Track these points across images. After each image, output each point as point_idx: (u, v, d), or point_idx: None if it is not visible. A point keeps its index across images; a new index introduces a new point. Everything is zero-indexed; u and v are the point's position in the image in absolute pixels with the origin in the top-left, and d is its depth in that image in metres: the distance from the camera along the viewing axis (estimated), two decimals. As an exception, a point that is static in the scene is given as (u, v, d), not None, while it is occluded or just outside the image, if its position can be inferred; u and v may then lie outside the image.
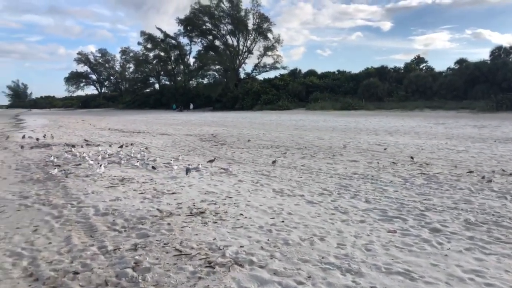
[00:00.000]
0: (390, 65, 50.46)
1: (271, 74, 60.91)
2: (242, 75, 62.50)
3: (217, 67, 60.20)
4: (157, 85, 74.23)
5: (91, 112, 57.62)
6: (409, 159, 10.12)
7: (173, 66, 68.50)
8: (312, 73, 56.25)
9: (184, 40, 65.34)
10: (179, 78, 68.96)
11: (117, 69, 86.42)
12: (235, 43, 60.84)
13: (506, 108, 29.40)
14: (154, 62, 68.69)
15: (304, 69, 58.12)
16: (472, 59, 42.23)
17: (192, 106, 55.36)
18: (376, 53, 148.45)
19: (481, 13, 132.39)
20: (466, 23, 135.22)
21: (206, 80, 62.68)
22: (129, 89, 78.88)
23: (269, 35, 59.18)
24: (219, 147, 13.50)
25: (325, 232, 4.45)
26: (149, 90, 74.71)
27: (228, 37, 61.00)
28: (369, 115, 33.68)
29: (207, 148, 13.32)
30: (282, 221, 4.87)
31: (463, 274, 3.39)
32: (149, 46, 66.91)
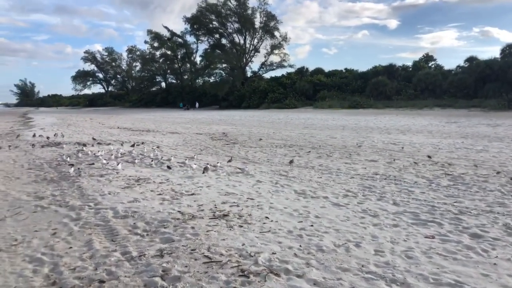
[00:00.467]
0: (398, 64, 49.80)
1: (278, 73, 60.48)
2: (249, 73, 62.20)
3: (223, 65, 59.91)
4: (163, 84, 74.24)
5: (98, 111, 57.73)
6: (429, 159, 9.82)
7: (179, 65, 68.32)
8: (319, 71, 55.76)
9: (190, 39, 65.25)
10: (185, 77, 68.79)
11: (123, 68, 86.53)
12: (241, 41, 60.59)
13: (519, 106, 28.92)
14: (161, 60, 68.58)
15: (309, 68, 57.67)
16: (480, 57, 41.57)
17: (197, 104, 55.19)
18: (383, 51, 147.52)
19: (489, 11, 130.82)
20: (473, 21, 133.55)
21: (212, 79, 62.48)
22: (135, 87, 78.90)
23: (276, 34, 58.89)
24: (231, 146, 13.28)
25: (359, 238, 4.21)
26: (155, 88, 74.65)
27: (235, 35, 60.77)
28: (378, 113, 33.26)
29: (219, 147, 13.11)
30: (311, 225, 4.63)
31: (517, 285, 3.14)
32: (155, 44, 66.81)
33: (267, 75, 61.39)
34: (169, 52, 67.16)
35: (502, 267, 3.48)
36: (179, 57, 67.58)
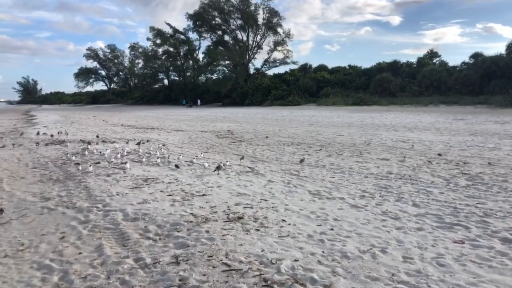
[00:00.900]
0: (402, 60, 49.27)
1: (281, 69, 60.24)
2: (252, 70, 61.86)
3: (226, 62, 59.54)
4: (166, 81, 73.92)
5: (100, 108, 57.58)
6: (444, 157, 9.58)
7: (182, 62, 67.97)
8: (322, 68, 55.33)
9: (193, 36, 64.88)
10: (188, 74, 68.46)
11: (126, 65, 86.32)
12: (244, 38, 60.19)
13: (525, 103, 28.55)
14: (163, 57, 68.23)
15: (313, 65, 57.25)
16: (484, 53, 41.12)
17: (199, 102, 54.86)
18: (385, 48, 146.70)
19: (492, 7, 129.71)
20: (477, 17, 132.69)
21: (215, 76, 62.16)
22: (138, 84, 78.67)
23: (279, 30, 58.47)
24: (238, 144, 13.06)
25: (384, 243, 3.99)
26: (158, 85, 74.42)
27: (238, 32, 60.35)
28: (383, 110, 32.94)
29: (226, 145, 12.89)
30: (331, 229, 4.41)
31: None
32: (158, 41, 66.50)
33: (270, 72, 61.14)
34: (171, 49, 66.82)
35: (542, 276, 3.26)
36: (181, 54, 67.24)
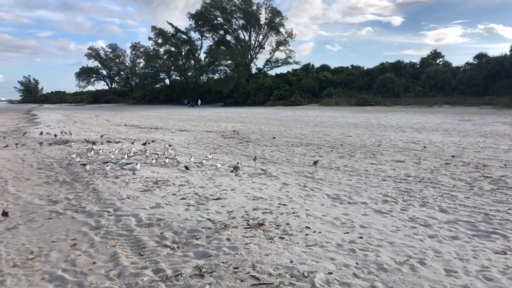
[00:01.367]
0: (405, 60, 48.99)
1: (283, 69, 59.97)
2: (254, 70, 61.62)
3: (228, 62, 59.30)
4: (167, 81, 73.72)
5: (102, 108, 57.32)
6: (459, 159, 9.31)
7: (183, 61, 67.67)
8: (325, 68, 55.11)
9: (195, 35, 64.61)
10: (189, 74, 68.18)
11: (127, 65, 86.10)
12: (246, 38, 59.97)
13: (532, 104, 28.30)
14: (165, 57, 67.92)
15: (314, 64, 57.00)
16: (488, 54, 40.95)
17: (200, 102, 54.50)
18: (387, 48, 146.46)
19: (494, 7, 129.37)
20: (478, 18, 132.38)
21: (217, 76, 61.90)
22: (139, 84, 78.45)
23: (282, 30, 58.24)
24: (246, 145, 12.80)
25: (420, 253, 3.72)
26: (159, 85, 74.16)
27: (240, 31, 60.12)
28: (387, 111, 32.65)
29: (233, 146, 12.62)
30: (360, 237, 4.14)
31: None
32: (159, 41, 66.19)
33: (272, 72, 60.89)
34: (173, 49, 66.52)
35: None
36: (183, 53, 66.92)
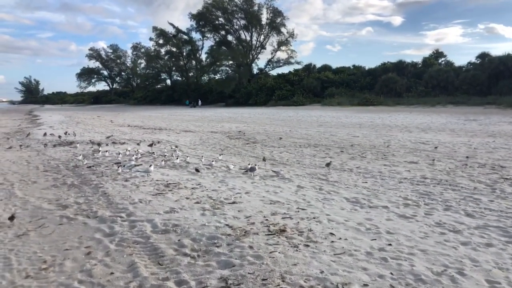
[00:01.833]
0: (405, 60, 48.80)
1: (285, 70, 59.74)
2: (255, 70, 61.43)
3: (229, 62, 59.08)
4: (168, 81, 73.49)
5: (103, 108, 57.12)
6: (474, 160, 9.11)
7: (185, 62, 67.42)
8: (326, 68, 54.91)
9: (196, 36, 64.40)
10: (191, 74, 67.94)
11: (128, 65, 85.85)
12: (248, 38, 59.76)
13: (536, 103, 28.09)
14: (166, 57, 67.68)
15: (316, 64, 56.80)
16: (489, 54, 40.83)
17: (200, 102, 54.20)
18: (387, 48, 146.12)
19: (494, 7, 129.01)
20: (479, 18, 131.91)
21: (218, 76, 61.67)
22: (140, 85, 78.13)
23: (283, 30, 58.04)
24: (253, 146, 12.60)
25: (456, 262, 3.52)
26: (160, 86, 73.94)
27: (241, 32, 59.90)
28: (390, 111, 32.44)
29: (240, 147, 12.42)
30: (389, 244, 3.94)
31: None
32: (161, 41, 65.97)
33: (273, 72, 60.69)
34: (174, 49, 66.24)
35: None
36: (184, 54, 66.67)
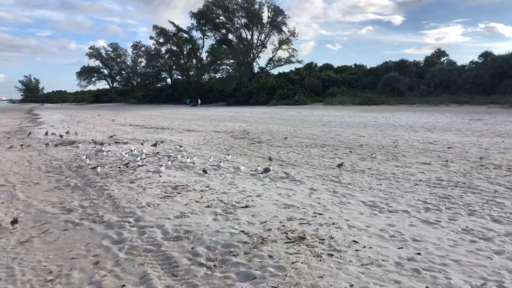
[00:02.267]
0: (407, 59, 48.56)
1: (286, 68, 59.36)
2: (256, 69, 61.17)
3: (230, 61, 58.78)
4: (169, 80, 73.16)
5: (103, 107, 56.83)
6: (487, 161, 8.87)
7: (185, 61, 67.07)
8: (328, 67, 54.64)
9: (196, 34, 64.10)
10: (191, 73, 67.65)
11: (128, 64, 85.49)
12: (249, 36, 59.48)
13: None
14: (166, 56, 67.36)
15: (317, 63, 56.53)
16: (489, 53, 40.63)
17: (200, 101, 53.88)
18: (387, 47, 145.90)
19: (495, 6, 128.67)
20: (479, 17, 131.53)
21: (219, 75, 61.36)
22: (140, 83, 77.81)
23: (284, 29, 57.77)
24: (258, 146, 12.34)
25: (494, 274, 3.27)
26: (161, 84, 73.61)
27: (242, 30, 59.62)
28: (393, 110, 32.22)
29: (246, 147, 12.17)
30: (418, 253, 3.69)
31: None
32: (161, 40, 65.64)
33: (274, 71, 60.43)
34: (174, 48, 65.94)
35: None
36: (185, 52, 66.36)
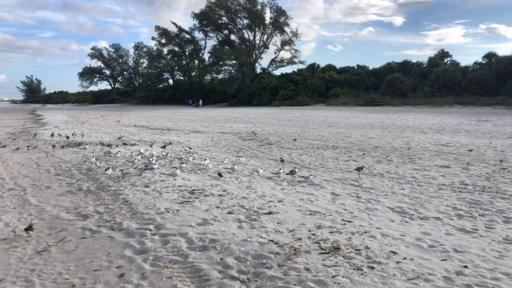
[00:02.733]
0: (409, 60, 48.34)
1: (288, 69, 59.23)
2: (258, 70, 60.96)
3: (232, 62, 58.55)
4: (171, 81, 72.97)
5: (106, 108, 56.61)
6: (508, 164, 8.63)
7: (187, 61, 66.92)
8: (331, 67, 54.43)
9: (199, 35, 63.94)
10: (193, 74, 67.47)
11: (130, 65, 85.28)
12: (251, 37, 59.27)
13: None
14: (168, 57, 67.19)
15: (320, 64, 56.35)
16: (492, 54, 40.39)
17: (201, 102, 53.57)
18: (388, 48, 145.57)
19: (496, 7, 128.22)
20: (480, 18, 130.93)
21: (221, 75, 61.15)
22: (142, 84, 77.59)
23: (286, 29, 57.57)
24: (268, 148, 12.11)
25: (553, 290, 3.05)
26: (162, 85, 73.42)
27: (244, 31, 59.42)
28: (398, 111, 31.99)
29: (256, 149, 11.94)
30: (465, 267, 3.46)
31: None
32: (163, 41, 65.49)
33: (277, 72, 60.22)
34: (176, 49, 65.80)
35: None
36: (187, 53, 66.21)
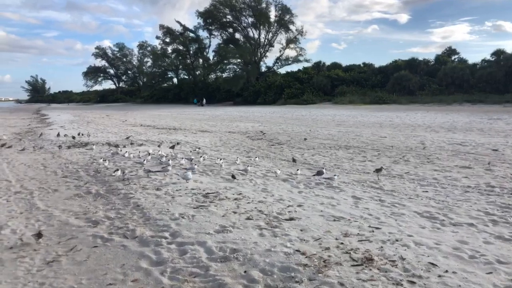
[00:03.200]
0: (416, 58, 47.75)
1: (294, 68, 58.68)
2: (263, 68, 60.63)
3: (237, 60, 58.21)
4: (175, 80, 72.79)
5: (110, 107, 56.52)
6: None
7: (192, 60, 66.65)
8: (336, 66, 53.97)
9: (203, 34, 63.68)
10: (198, 72, 67.22)
11: (134, 64, 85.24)
12: (256, 35, 58.93)
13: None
14: (173, 56, 66.94)
15: (325, 62, 55.85)
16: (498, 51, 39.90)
17: (204, 101, 53.28)
18: (393, 46, 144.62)
19: (502, 4, 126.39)
20: (486, 15, 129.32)
21: (225, 74, 60.82)
22: (147, 83, 77.40)
23: (291, 27, 57.15)
24: (279, 148, 11.80)
25: None
26: (167, 84, 73.23)
27: (249, 29, 59.09)
28: (406, 109, 31.55)
29: (266, 149, 11.64)
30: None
31: None
32: (167, 40, 65.28)
33: (282, 70, 59.81)
34: (181, 47, 65.55)
35: None
36: (191, 52, 65.97)
